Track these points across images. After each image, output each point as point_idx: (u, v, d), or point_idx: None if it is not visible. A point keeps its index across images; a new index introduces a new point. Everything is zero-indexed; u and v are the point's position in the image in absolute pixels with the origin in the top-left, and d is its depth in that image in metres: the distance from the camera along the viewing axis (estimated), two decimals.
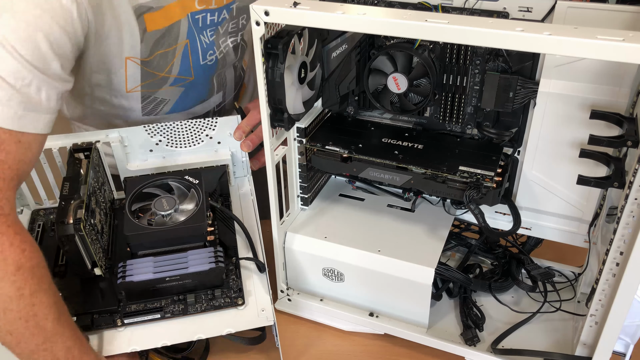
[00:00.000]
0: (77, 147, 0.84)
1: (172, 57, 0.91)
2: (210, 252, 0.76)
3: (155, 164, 0.91)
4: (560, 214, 0.79)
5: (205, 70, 0.96)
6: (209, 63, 0.96)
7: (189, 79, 0.95)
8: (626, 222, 0.60)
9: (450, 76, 0.77)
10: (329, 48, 0.77)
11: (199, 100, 1.01)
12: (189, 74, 0.94)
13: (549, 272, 0.83)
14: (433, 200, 0.89)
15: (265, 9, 0.62)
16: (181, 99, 0.98)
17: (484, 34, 0.53)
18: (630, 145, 0.60)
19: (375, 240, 0.81)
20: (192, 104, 1.01)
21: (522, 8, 0.69)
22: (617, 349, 0.72)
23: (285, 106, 0.70)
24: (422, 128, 0.83)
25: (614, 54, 0.49)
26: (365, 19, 0.58)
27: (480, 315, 0.82)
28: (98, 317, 0.72)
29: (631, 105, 0.67)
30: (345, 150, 0.79)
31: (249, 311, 0.74)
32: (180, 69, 0.93)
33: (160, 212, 0.78)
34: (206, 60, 0.95)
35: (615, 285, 0.64)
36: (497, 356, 0.76)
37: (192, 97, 1.00)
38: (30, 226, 0.87)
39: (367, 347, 0.83)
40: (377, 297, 0.82)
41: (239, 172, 0.96)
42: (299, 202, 0.89)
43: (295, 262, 0.85)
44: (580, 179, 0.66)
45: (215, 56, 0.96)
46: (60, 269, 0.78)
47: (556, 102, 0.71)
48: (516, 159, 0.78)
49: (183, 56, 0.92)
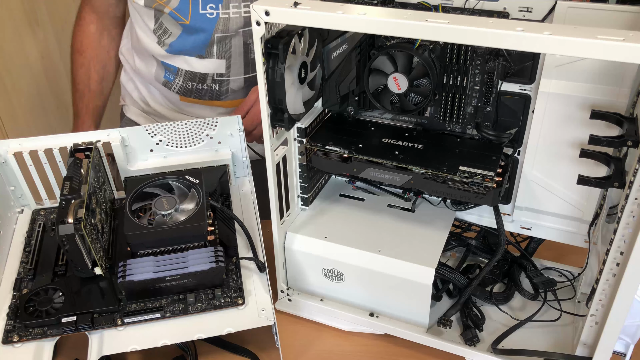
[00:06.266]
0: (78, 147, 0.84)
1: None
2: (210, 252, 0.76)
3: (155, 164, 0.92)
4: (560, 214, 0.79)
5: (203, 22, 1.00)
6: (208, 15, 0.99)
7: (185, 20, 0.99)
8: (626, 222, 0.60)
9: (451, 76, 0.77)
10: (329, 48, 0.77)
11: (196, 53, 1.06)
12: (185, 15, 0.99)
13: (551, 281, 0.83)
14: (433, 201, 0.89)
15: (265, 9, 0.62)
16: (181, 38, 1.04)
17: (484, 34, 0.53)
18: (630, 145, 0.60)
19: (376, 241, 0.81)
20: (189, 49, 1.06)
21: (522, 8, 0.69)
22: (618, 349, 0.72)
23: (285, 106, 0.70)
24: (423, 128, 0.83)
25: (614, 53, 0.49)
26: (365, 19, 0.58)
27: (480, 316, 0.82)
28: (98, 317, 0.72)
29: (631, 105, 0.67)
30: (345, 150, 0.79)
31: (249, 311, 0.74)
32: (178, 5, 0.98)
33: (160, 212, 0.78)
34: (205, 10, 0.98)
35: (615, 285, 0.64)
36: (497, 356, 0.76)
37: (190, 44, 1.05)
38: (31, 226, 0.87)
39: (367, 347, 0.83)
40: (377, 297, 0.82)
41: (240, 172, 0.96)
42: (299, 202, 0.89)
43: (296, 262, 0.85)
44: (581, 179, 0.66)
45: (218, 12, 0.99)
46: (61, 269, 0.79)
47: (556, 102, 0.71)
48: (516, 159, 0.78)
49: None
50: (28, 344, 0.70)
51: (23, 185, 0.89)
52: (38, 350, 0.69)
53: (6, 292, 0.76)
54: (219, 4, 0.99)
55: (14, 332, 0.70)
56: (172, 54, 1.10)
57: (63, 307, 0.72)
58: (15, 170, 0.87)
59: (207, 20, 1.00)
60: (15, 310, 0.73)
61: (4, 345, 0.69)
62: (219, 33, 1.03)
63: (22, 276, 0.78)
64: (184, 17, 0.99)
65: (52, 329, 0.71)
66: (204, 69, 1.10)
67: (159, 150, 0.91)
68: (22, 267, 0.80)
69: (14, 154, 0.86)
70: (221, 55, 1.06)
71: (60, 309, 0.72)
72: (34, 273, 0.79)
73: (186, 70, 1.11)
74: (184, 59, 1.09)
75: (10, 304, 0.74)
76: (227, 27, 1.02)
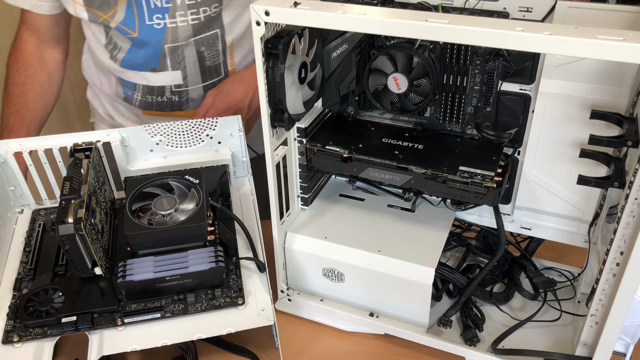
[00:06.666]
0: (78, 147, 0.84)
1: (114, 4, 0.95)
2: (210, 252, 0.76)
3: (155, 164, 0.92)
4: (560, 214, 0.79)
5: (151, 33, 0.99)
6: (155, 26, 0.98)
7: (132, 33, 0.98)
8: (626, 222, 0.60)
9: (451, 76, 0.77)
10: (329, 48, 0.77)
11: (150, 67, 1.05)
12: (132, 28, 0.98)
13: (551, 281, 0.83)
14: (433, 201, 0.89)
15: (265, 9, 0.62)
16: (131, 53, 1.03)
17: (484, 34, 0.53)
18: (630, 145, 0.60)
19: (376, 241, 0.81)
20: (142, 63, 1.04)
21: (522, 8, 0.69)
22: (618, 349, 0.72)
23: (285, 106, 0.70)
24: (422, 128, 0.83)
25: (614, 53, 0.49)
26: (365, 19, 0.58)
27: (480, 316, 0.82)
28: (98, 317, 0.72)
29: (631, 105, 0.67)
30: (345, 150, 0.79)
31: (249, 311, 0.74)
32: (124, 19, 0.97)
33: (160, 212, 0.78)
34: (152, 21, 0.97)
35: (615, 285, 0.64)
36: (497, 356, 0.76)
37: (141, 57, 1.03)
38: (31, 226, 0.87)
39: (367, 347, 0.83)
40: (377, 297, 0.82)
41: (240, 172, 0.96)
42: (299, 202, 0.89)
43: (296, 262, 0.85)
44: (581, 179, 0.66)
45: (165, 22, 0.98)
46: (61, 269, 0.79)
47: (556, 102, 0.71)
48: (516, 159, 0.78)
49: (127, 7, 0.96)
50: (28, 344, 0.70)
51: (23, 185, 0.89)
52: (38, 350, 0.69)
53: (6, 292, 0.76)
54: (164, 13, 0.98)
55: (14, 332, 0.70)
56: (126, 69, 1.08)
57: (63, 307, 0.72)
58: (15, 170, 0.87)
59: (155, 31, 0.98)
60: (15, 310, 0.73)
61: (4, 345, 0.69)
62: (169, 44, 1.02)
63: (22, 276, 0.78)
64: (131, 30, 0.98)
65: (52, 329, 0.71)
66: (160, 82, 1.08)
67: (159, 150, 0.91)
68: (22, 267, 0.80)
69: (14, 154, 0.86)
70: (176, 67, 1.05)
71: (60, 309, 0.72)
72: (34, 273, 0.79)
73: (143, 85, 1.10)
74: (138, 74, 1.08)
75: (10, 304, 0.74)
76: (176, 36, 1.01)
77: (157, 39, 1.01)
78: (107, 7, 0.97)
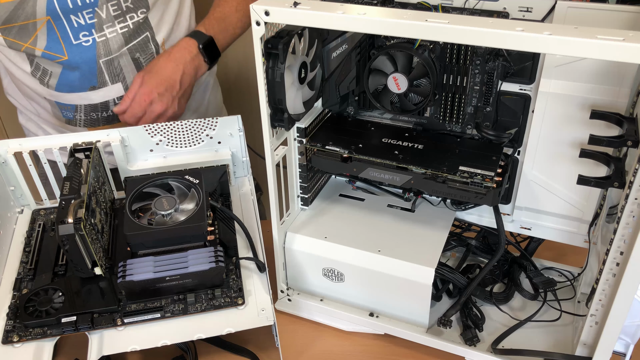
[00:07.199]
0: (78, 147, 0.84)
1: (33, 30, 0.90)
2: (210, 252, 0.76)
3: (155, 164, 0.92)
4: (560, 214, 0.79)
5: (82, 52, 0.95)
6: (84, 44, 0.94)
7: (62, 57, 0.94)
8: (626, 222, 0.60)
9: (451, 76, 0.77)
10: (329, 48, 0.77)
11: (88, 86, 1.00)
12: (60, 51, 0.93)
13: (551, 281, 0.83)
14: (433, 201, 0.89)
15: (265, 9, 0.62)
16: (65, 77, 0.98)
17: (484, 34, 0.53)
18: (630, 145, 0.60)
19: (376, 240, 0.81)
20: (79, 85, 0.99)
21: (522, 8, 0.69)
22: (617, 349, 0.72)
23: (285, 106, 0.70)
24: (422, 128, 0.83)
25: (614, 53, 0.49)
26: (365, 19, 0.58)
27: (480, 316, 0.82)
28: (98, 317, 0.72)
29: (631, 105, 0.67)
30: (345, 150, 0.79)
31: (249, 311, 0.74)
32: (47, 44, 0.93)
33: (160, 212, 0.78)
34: (79, 40, 0.93)
35: (615, 285, 0.64)
36: (497, 356, 0.76)
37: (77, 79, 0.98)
38: (31, 226, 0.87)
39: (367, 347, 0.83)
40: (377, 297, 0.82)
41: (240, 172, 0.96)
42: (299, 202, 0.89)
43: (295, 262, 0.85)
44: (580, 179, 0.66)
45: (93, 38, 0.94)
46: (61, 269, 0.79)
47: (556, 102, 0.71)
48: (516, 159, 0.78)
49: (49, 30, 0.91)
50: (28, 344, 0.70)
51: (23, 185, 0.89)
52: (38, 350, 0.69)
53: (6, 292, 0.76)
54: (91, 29, 0.93)
55: (13, 332, 0.70)
56: (63, 93, 1.01)
57: (63, 307, 0.72)
58: (15, 170, 0.87)
59: (85, 49, 0.94)
60: (15, 310, 0.73)
61: (4, 345, 0.69)
62: (103, 58, 0.97)
63: (22, 276, 0.78)
64: (59, 53, 0.93)
65: (52, 329, 0.71)
66: (102, 99, 1.02)
67: (158, 150, 0.91)
68: (22, 267, 0.80)
69: (14, 154, 0.86)
70: (115, 80, 1.00)
71: (60, 309, 0.72)
72: (34, 273, 0.79)
73: (85, 105, 1.03)
74: (77, 95, 1.01)
75: (10, 304, 0.74)
76: (108, 49, 0.97)
77: (89, 56, 0.96)
78: (25, 35, 0.91)
